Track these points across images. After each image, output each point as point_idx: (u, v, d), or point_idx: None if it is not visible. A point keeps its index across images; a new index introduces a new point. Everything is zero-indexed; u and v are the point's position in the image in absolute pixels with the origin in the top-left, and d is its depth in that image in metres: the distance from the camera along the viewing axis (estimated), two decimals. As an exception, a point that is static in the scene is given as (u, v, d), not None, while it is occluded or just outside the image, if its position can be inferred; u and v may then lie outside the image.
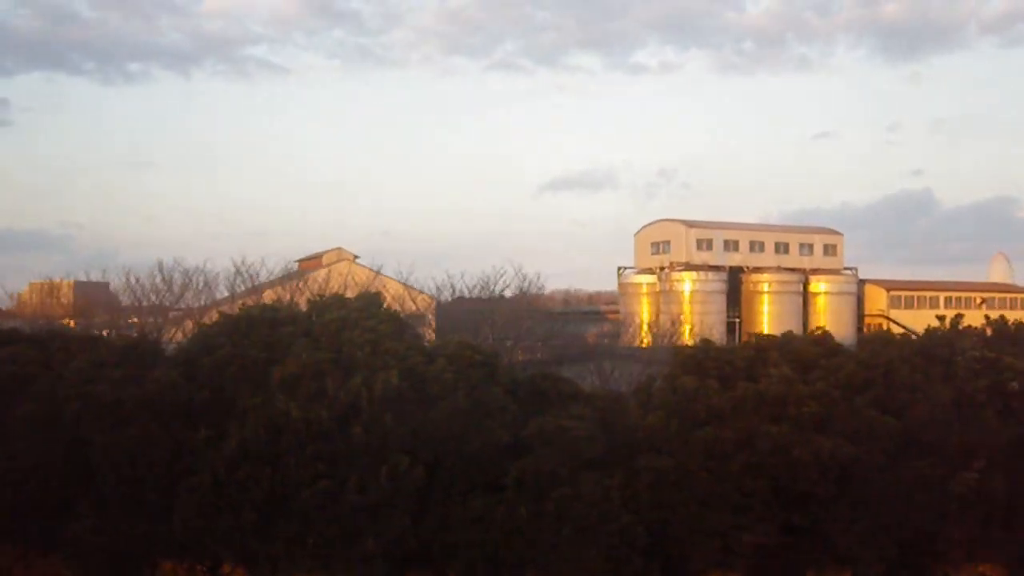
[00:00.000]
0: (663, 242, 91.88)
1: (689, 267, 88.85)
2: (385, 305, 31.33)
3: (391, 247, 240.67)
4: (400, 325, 30.32)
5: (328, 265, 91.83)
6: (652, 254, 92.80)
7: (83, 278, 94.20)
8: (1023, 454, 29.64)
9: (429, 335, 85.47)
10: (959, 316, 32.35)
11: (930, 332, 31.10)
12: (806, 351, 29.69)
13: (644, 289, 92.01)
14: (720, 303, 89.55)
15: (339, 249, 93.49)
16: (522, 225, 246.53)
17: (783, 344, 30.42)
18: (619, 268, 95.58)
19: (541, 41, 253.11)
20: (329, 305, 30.63)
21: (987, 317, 33.00)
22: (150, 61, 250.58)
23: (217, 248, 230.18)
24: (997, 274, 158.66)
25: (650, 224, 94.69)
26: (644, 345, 73.99)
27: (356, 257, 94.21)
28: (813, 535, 28.51)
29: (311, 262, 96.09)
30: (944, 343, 30.50)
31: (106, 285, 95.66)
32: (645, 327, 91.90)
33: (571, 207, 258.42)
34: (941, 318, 32.36)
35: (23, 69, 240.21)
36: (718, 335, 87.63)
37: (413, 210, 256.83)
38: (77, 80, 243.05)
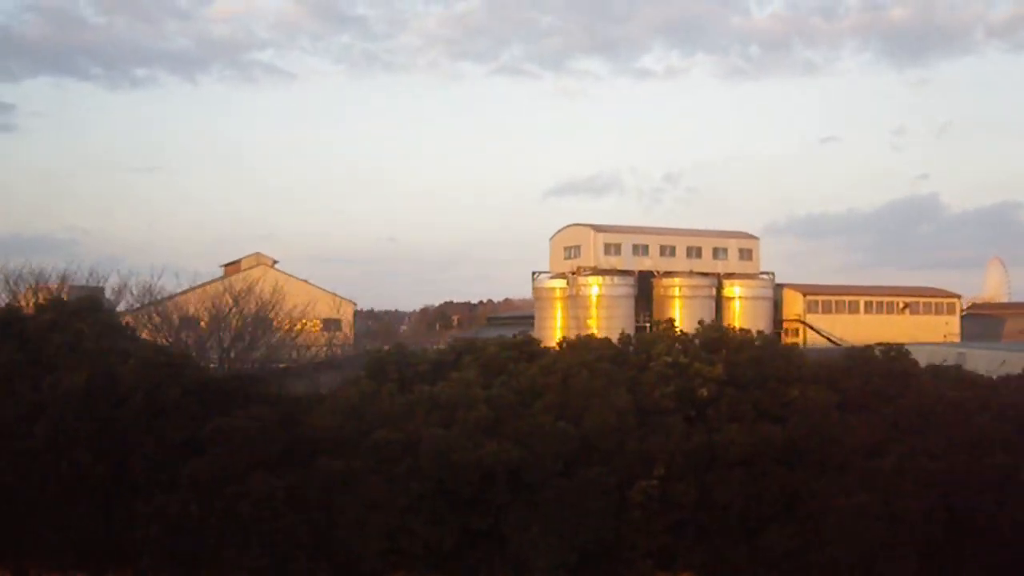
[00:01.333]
0: (574, 247, 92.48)
1: (597, 271, 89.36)
2: (97, 307, 32.14)
3: (396, 252, 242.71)
4: (108, 327, 31.18)
5: (246, 270, 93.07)
6: (565, 259, 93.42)
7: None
8: (712, 461, 30.07)
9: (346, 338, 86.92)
10: (670, 321, 32.81)
11: (623, 337, 31.60)
12: (498, 355, 30.31)
13: (557, 294, 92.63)
14: (628, 307, 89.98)
15: (258, 254, 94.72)
16: (527, 230, 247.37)
17: (479, 348, 31.05)
18: (533, 273, 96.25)
19: (547, 46, 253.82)
20: (48, 307, 31.51)
21: (701, 322, 33.39)
22: (157, 66, 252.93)
23: (223, 252, 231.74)
24: (993, 278, 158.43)
25: (563, 228, 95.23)
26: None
27: (275, 262, 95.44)
28: (493, 540, 29.05)
29: (233, 267, 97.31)
30: (642, 348, 31.01)
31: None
32: (557, 332, 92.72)
33: (577, 212, 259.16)
34: (669, 320, 32.81)
35: (30, 74, 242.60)
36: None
37: (419, 215, 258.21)
38: (84, 85, 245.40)
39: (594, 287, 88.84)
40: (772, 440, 30.06)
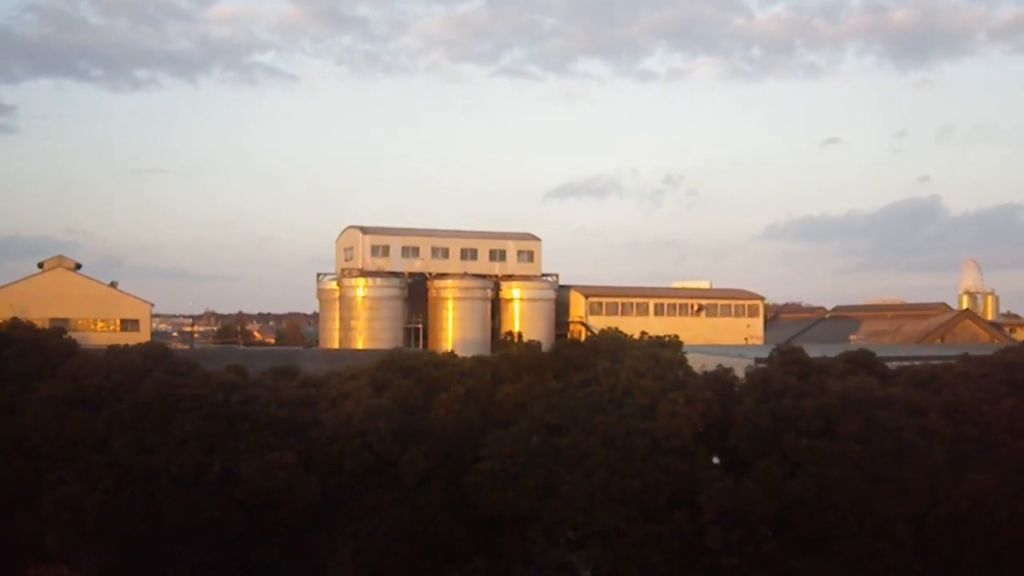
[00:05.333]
0: (349, 248, 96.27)
1: (364, 273, 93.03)
2: None
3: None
4: None
5: (47, 271, 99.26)
6: (345, 260, 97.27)
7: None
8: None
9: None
10: None
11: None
12: None
13: (335, 295, 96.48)
14: (396, 309, 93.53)
15: (59, 257, 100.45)
16: (527, 231, 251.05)
17: None
18: (318, 275, 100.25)
19: (549, 48, 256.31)
20: None
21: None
22: (158, 68, 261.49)
23: (224, 254, 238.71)
24: (968, 281, 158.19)
25: (344, 230, 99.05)
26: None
27: (78, 266, 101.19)
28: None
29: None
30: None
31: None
32: (337, 333, 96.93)
33: (578, 213, 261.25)
34: None
35: (31, 75, 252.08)
36: (392, 340, 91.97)
37: (419, 217, 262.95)
38: (85, 86, 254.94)
39: (359, 289, 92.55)
40: (4, 434, 34.21)
